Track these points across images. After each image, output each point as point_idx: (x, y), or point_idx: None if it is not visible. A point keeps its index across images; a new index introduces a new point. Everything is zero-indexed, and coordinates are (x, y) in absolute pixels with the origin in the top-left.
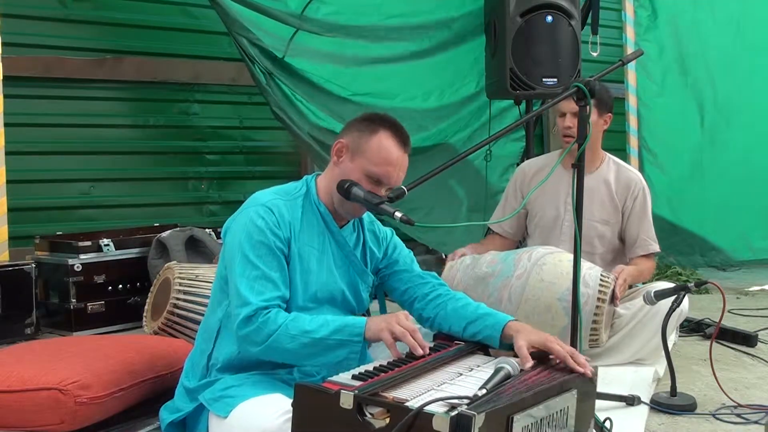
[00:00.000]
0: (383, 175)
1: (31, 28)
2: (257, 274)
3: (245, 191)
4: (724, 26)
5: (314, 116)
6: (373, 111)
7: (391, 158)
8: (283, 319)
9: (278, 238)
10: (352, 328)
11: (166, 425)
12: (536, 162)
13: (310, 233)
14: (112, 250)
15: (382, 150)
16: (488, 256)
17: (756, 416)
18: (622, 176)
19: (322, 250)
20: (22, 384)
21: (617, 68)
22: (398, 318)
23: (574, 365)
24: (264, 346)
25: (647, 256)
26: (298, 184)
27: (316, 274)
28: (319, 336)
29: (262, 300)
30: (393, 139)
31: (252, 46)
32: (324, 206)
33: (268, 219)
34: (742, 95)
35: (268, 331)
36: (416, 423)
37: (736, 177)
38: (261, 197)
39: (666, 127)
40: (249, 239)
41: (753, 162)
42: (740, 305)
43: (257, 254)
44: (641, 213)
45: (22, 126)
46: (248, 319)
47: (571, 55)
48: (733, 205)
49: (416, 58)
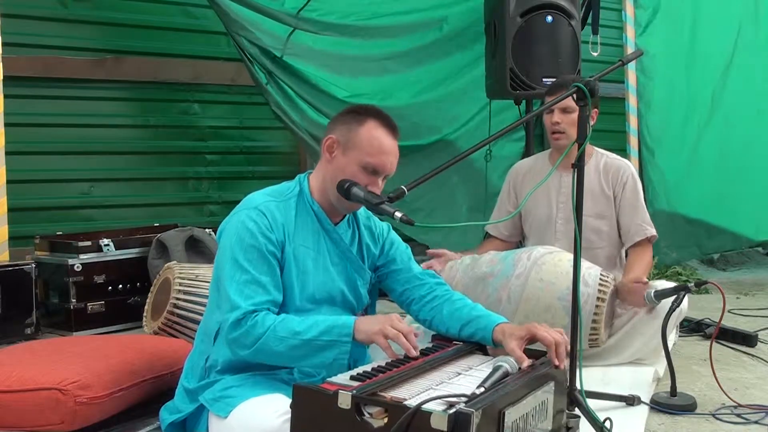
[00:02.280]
0: (379, 165)
1: (31, 28)
2: (247, 278)
3: (245, 191)
4: (724, 25)
5: (315, 114)
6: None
7: (384, 147)
8: (272, 321)
9: (270, 242)
10: (341, 328)
11: (167, 425)
12: (527, 162)
13: (304, 233)
14: (112, 250)
15: (373, 140)
16: (488, 256)
17: (756, 416)
18: (609, 166)
19: (318, 249)
20: (22, 384)
21: (617, 68)
22: (391, 320)
23: (553, 356)
24: (253, 349)
25: (644, 245)
26: (291, 184)
27: (313, 274)
28: (307, 337)
29: (251, 304)
30: (382, 128)
31: (251, 46)
32: (318, 205)
33: (260, 222)
34: (742, 95)
35: (257, 335)
36: (414, 421)
37: (735, 167)
38: (254, 200)
39: (666, 127)
40: (240, 243)
41: (753, 153)
42: (740, 305)
43: (248, 258)
44: (633, 199)
45: (22, 126)
46: (237, 323)
47: (571, 55)
48: (734, 192)
49: (413, 55)
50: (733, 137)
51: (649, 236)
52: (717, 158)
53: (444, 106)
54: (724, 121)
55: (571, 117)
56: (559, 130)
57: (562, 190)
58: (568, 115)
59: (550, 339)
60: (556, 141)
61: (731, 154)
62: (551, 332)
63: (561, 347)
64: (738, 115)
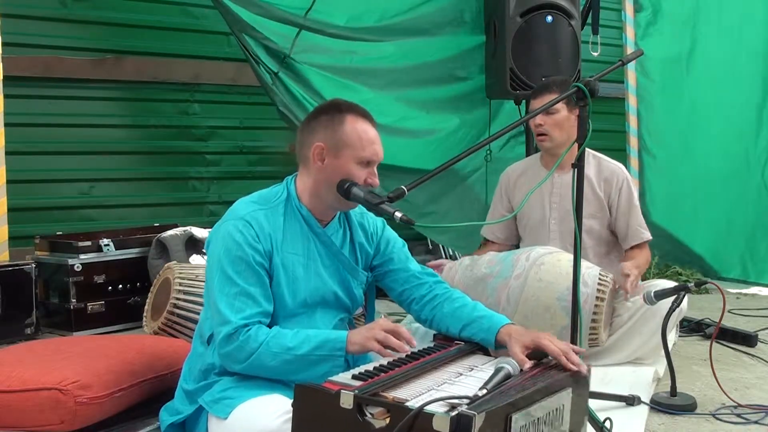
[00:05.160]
0: (372, 155)
1: (31, 28)
2: (237, 291)
3: (245, 191)
4: (725, 27)
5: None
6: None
7: (371, 137)
8: (265, 335)
9: (257, 252)
10: (334, 342)
11: (166, 426)
12: (519, 166)
13: (293, 239)
14: (112, 250)
15: (361, 133)
16: (487, 256)
17: (756, 416)
18: (603, 170)
19: (308, 254)
20: (22, 384)
21: (617, 68)
22: (379, 324)
23: (567, 363)
24: (246, 363)
25: (641, 247)
26: (279, 188)
27: (304, 280)
28: (301, 353)
29: (242, 318)
30: (362, 119)
31: (257, 46)
32: (306, 209)
33: (247, 233)
34: (743, 97)
35: (250, 350)
36: (416, 423)
37: (737, 190)
38: (240, 209)
39: (666, 130)
40: (228, 254)
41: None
42: (740, 305)
43: (236, 270)
44: (628, 204)
45: (22, 126)
46: (229, 338)
47: (571, 55)
48: (732, 221)
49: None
50: (736, 143)
51: (645, 240)
52: (719, 170)
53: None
54: (726, 124)
55: (553, 118)
56: (543, 132)
57: (554, 190)
58: (550, 116)
59: (556, 350)
60: (541, 143)
61: (734, 168)
62: (557, 343)
63: (570, 354)
64: (739, 117)
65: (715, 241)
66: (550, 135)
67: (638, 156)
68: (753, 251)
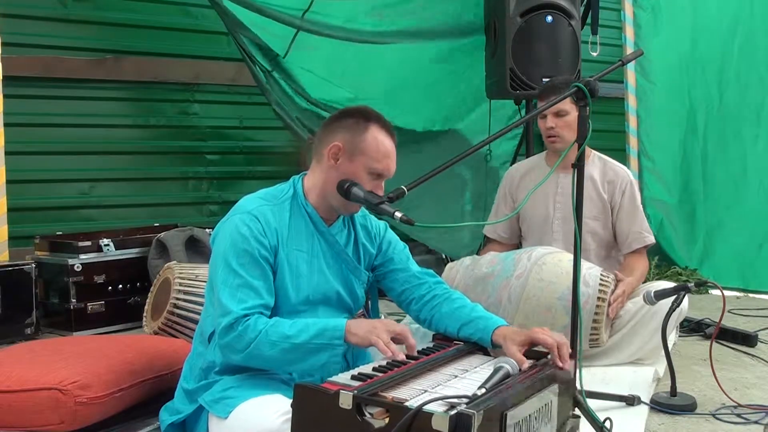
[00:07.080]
0: (384, 169)
1: (31, 28)
2: (239, 283)
3: (245, 191)
4: (725, 29)
5: (317, 114)
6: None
7: (389, 151)
8: (263, 325)
9: (263, 246)
10: (332, 331)
11: (166, 426)
12: (523, 165)
13: (298, 236)
14: (112, 250)
15: (380, 145)
16: (488, 256)
17: (756, 416)
18: (607, 171)
19: (312, 252)
20: (22, 384)
21: (617, 68)
22: (385, 324)
23: (556, 358)
24: (245, 353)
25: (641, 254)
26: (285, 186)
27: (307, 277)
28: (299, 341)
29: (242, 308)
30: (384, 132)
31: (252, 45)
32: (312, 207)
33: (253, 227)
34: (743, 100)
35: (249, 339)
36: (416, 422)
37: (735, 199)
38: (247, 204)
39: (665, 133)
40: (233, 247)
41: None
42: (740, 305)
43: (240, 262)
44: (631, 207)
45: (22, 126)
46: (229, 328)
47: (571, 55)
48: (726, 237)
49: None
50: (735, 147)
51: (647, 244)
52: (718, 175)
53: (448, 110)
54: (726, 127)
55: (564, 120)
56: (554, 134)
57: (559, 190)
58: (561, 118)
59: (551, 341)
60: (552, 144)
61: (734, 171)
62: (552, 334)
63: (563, 348)
64: (739, 121)
65: (714, 247)
66: (561, 137)
67: (638, 157)
68: (753, 258)
